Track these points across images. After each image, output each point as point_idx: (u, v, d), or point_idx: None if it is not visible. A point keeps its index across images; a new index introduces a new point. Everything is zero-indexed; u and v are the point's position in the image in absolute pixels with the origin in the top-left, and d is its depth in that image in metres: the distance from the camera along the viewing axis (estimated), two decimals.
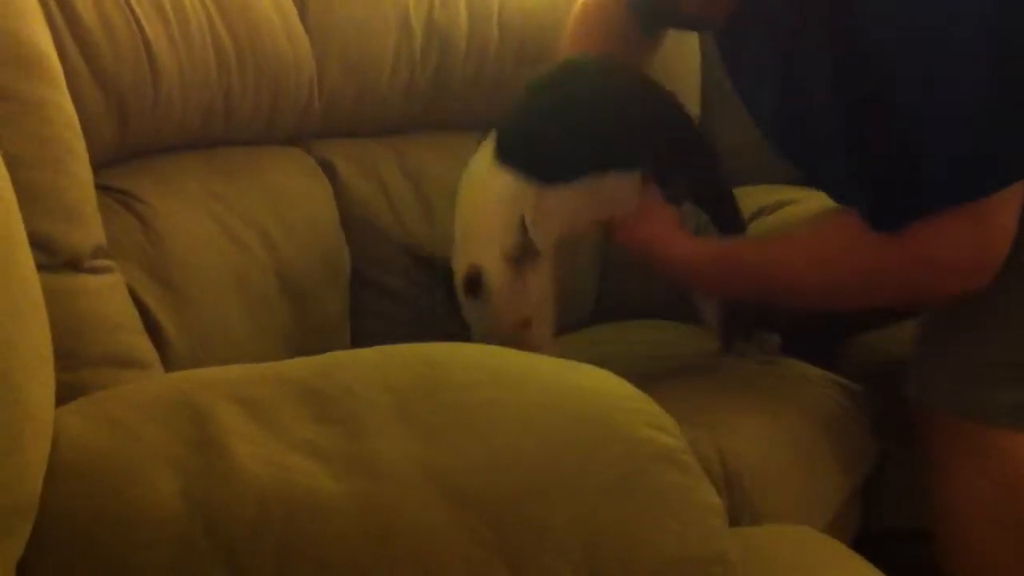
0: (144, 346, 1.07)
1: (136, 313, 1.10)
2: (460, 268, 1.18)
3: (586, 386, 0.88)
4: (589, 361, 0.92)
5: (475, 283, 1.16)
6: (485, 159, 1.22)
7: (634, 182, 1.26)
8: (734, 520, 1.06)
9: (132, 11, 1.22)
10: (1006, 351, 1.21)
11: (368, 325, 1.49)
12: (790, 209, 1.63)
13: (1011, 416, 1.20)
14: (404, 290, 1.53)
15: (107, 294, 1.04)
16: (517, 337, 1.17)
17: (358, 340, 1.46)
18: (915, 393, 1.28)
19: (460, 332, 1.22)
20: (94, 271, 1.03)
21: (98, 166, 1.13)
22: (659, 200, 1.29)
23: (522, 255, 1.16)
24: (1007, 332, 1.21)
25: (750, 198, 1.66)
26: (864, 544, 1.35)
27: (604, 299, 1.72)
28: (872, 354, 1.62)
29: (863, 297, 1.22)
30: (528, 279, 1.18)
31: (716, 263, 1.28)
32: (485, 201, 1.20)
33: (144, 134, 1.26)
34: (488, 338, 1.18)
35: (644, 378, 0.91)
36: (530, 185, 1.18)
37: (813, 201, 1.71)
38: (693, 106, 1.88)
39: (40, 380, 0.78)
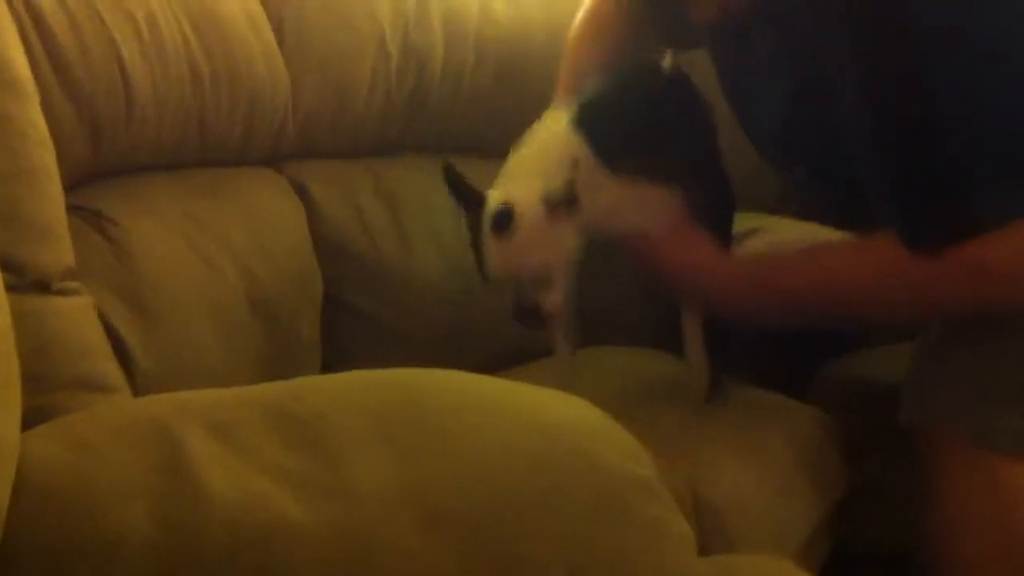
0: (113, 370, 1.06)
1: (105, 336, 1.09)
2: (494, 201, 1.17)
3: (561, 415, 0.88)
4: (562, 389, 0.93)
5: (505, 218, 1.14)
6: (559, 117, 1.23)
7: (669, 200, 1.26)
8: (706, 549, 1.06)
9: (106, 28, 1.21)
10: (1006, 374, 1.20)
11: (341, 348, 1.48)
12: (763, 238, 1.65)
13: (1011, 439, 1.20)
14: (377, 313, 1.52)
15: (76, 317, 1.03)
16: (531, 290, 1.16)
17: (330, 363, 1.45)
18: (912, 415, 1.27)
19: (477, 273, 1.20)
20: (63, 293, 1.02)
21: (70, 185, 1.12)
22: (694, 226, 1.28)
23: (561, 203, 1.15)
24: (1007, 355, 1.21)
25: None
26: (833, 570, 1.36)
27: (591, 323, 1.72)
28: (845, 379, 1.63)
29: (918, 311, 1.22)
30: (558, 230, 1.16)
31: (756, 290, 1.27)
32: (545, 140, 1.22)
33: (117, 153, 1.25)
34: (502, 283, 1.17)
35: (619, 406, 0.91)
36: (589, 153, 1.19)
37: (783, 229, 1.72)
38: None
39: (5, 403, 0.77)
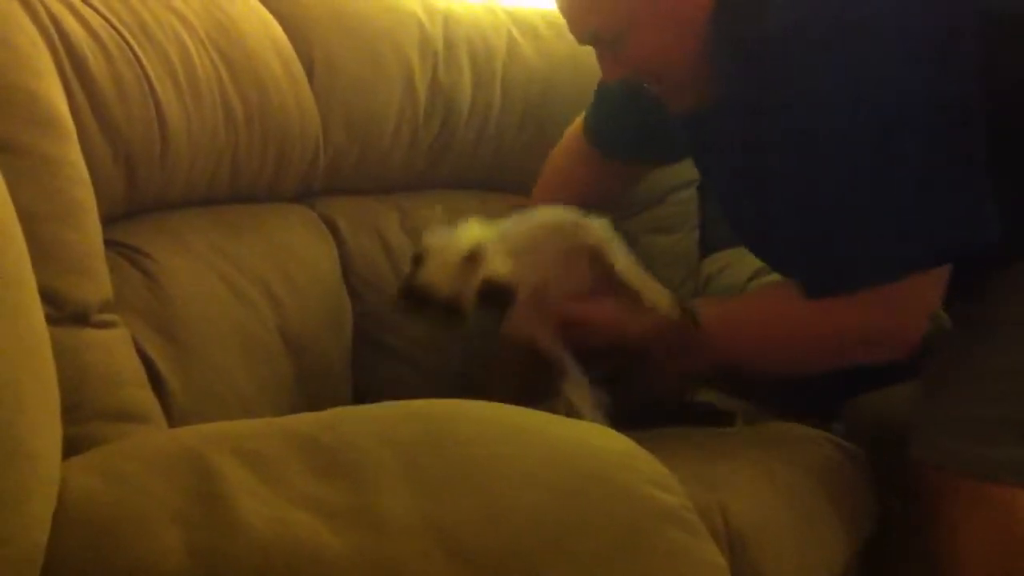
0: (148, 400, 1.07)
1: (141, 368, 1.10)
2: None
3: (589, 443, 0.88)
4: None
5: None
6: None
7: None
8: None
9: (143, 69, 1.23)
10: (1007, 408, 1.23)
11: (369, 381, 1.49)
12: (733, 271, 1.70)
13: (1015, 473, 1.21)
14: (404, 348, 1.54)
15: (113, 348, 1.05)
16: None
17: (359, 396, 1.47)
18: (918, 451, 1.29)
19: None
20: (100, 325, 1.04)
21: (106, 221, 1.14)
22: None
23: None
24: (1007, 390, 1.23)
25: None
26: None
27: None
28: (872, 415, 1.62)
29: (800, 359, 1.29)
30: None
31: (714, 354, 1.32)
32: None
33: (152, 190, 1.28)
34: None
35: (646, 436, 0.91)
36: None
37: (750, 262, 1.74)
38: None
39: (47, 433, 0.79)
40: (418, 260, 1.24)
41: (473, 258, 1.20)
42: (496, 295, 1.20)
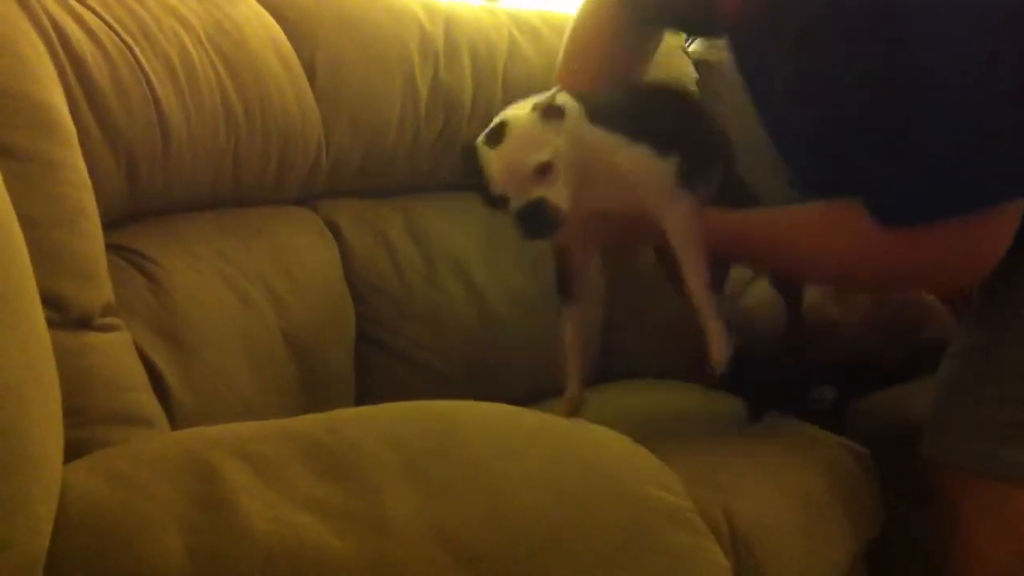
0: (151, 404, 1.07)
1: (143, 371, 1.10)
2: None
3: (592, 444, 0.88)
4: (595, 421, 0.93)
5: (498, 130, 1.20)
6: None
7: (664, 169, 1.27)
8: None
9: (143, 71, 1.23)
10: (1016, 406, 1.22)
11: (372, 384, 1.49)
12: None
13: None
14: (408, 348, 1.54)
15: (115, 352, 1.05)
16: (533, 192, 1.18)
17: (362, 398, 1.46)
18: (934, 451, 1.29)
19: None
20: (103, 329, 1.04)
21: (108, 224, 1.14)
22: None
23: (550, 110, 1.20)
24: (1017, 387, 1.22)
25: None
26: None
27: (609, 359, 1.72)
28: (876, 416, 1.62)
29: (862, 282, 1.30)
30: (550, 132, 1.20)
31: (733, 239, 1.30)
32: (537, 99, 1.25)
33: (154, 193, 1.28)
34: (504, 195, 1.18)
35: (649, 438, 0.91)
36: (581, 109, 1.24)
37: None
38: None
39: (50, 436, 0.79)
40: (494, 135, 1.19)
41: (542, 171, 1.19)
42: (542, 215, 1.19)
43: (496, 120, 1.22)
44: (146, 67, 1.24)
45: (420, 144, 1.65)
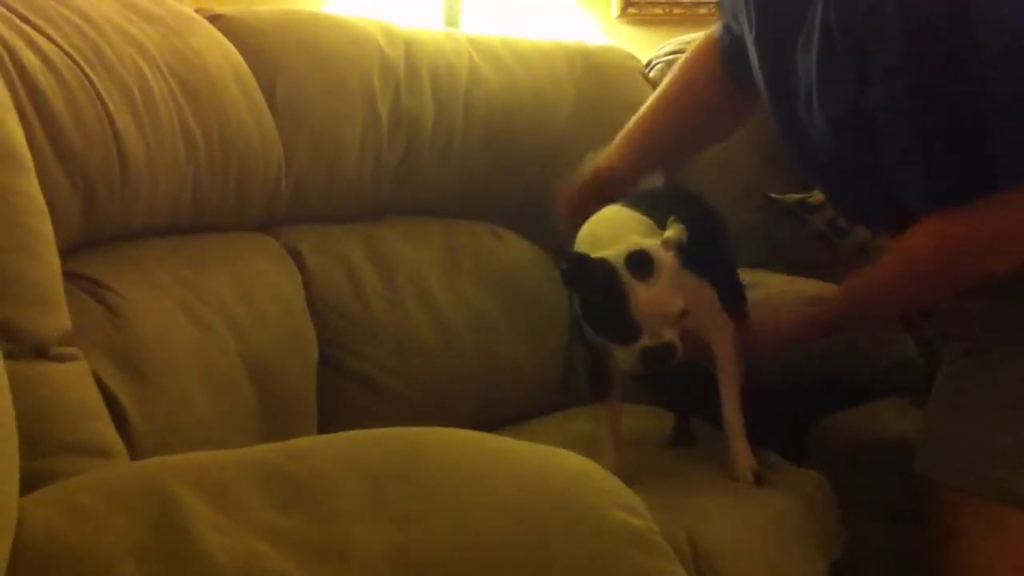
0: (109, 434, 1.06)
1: (101, 401, 1.08)
2: (622, 250, 1.22)
3: (556, 468, 0.88)
4: (559, 445, 0.93)
5: (645, 262, 1.19)
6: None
7: (710, 294, 1.31)
8: None
9: (99, 97, 1.22)
10: (1018, 430, 1.22)
11: (334, 408, 1.48)
12: (758, 291, 1.66)
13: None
14: (371, 373, 1.53)
15: (73, 382, 1.03)
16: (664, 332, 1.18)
17: (325, 423, 1.46)
18: (926, 469, 1.29)
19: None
20: (60, 359, 1.02)
21: (64, 251, 1.12)
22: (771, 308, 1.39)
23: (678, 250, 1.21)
24: (1018, 411, 1.23)
25: None
26: None
27: (574, 383, 1.72)
28: (845, 435, 1.63)
29: (966, 274, 1.25)
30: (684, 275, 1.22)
31: (834, 323, 1.39)
32: (613, 214, 1.31)
33: (112, 220, 1.26)
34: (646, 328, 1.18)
35: (615, 462, 0.91)
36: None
37: (773, 283, 1.73)
38: None
39: (4, 468, 0.77)
40: (641, 267, 1.17)
41: (681, 316, 1.19)
42: (668, 357, 1.19)
43: (633, 246, 1.19)
44: (103, 93, 1.23)
45: (382, 168, 1.65)
